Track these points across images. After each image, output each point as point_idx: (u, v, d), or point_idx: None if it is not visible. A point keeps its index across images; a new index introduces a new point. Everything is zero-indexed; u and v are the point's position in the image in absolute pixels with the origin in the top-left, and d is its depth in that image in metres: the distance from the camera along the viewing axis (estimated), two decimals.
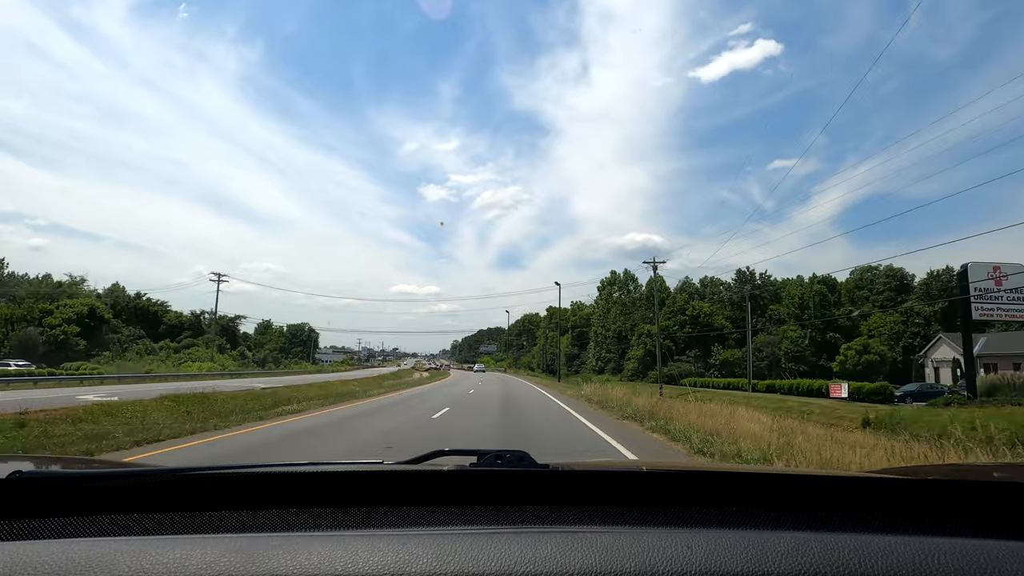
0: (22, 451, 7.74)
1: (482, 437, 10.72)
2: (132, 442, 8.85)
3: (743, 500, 1.02)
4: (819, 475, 1.19)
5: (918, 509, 0.98)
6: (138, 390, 19.97)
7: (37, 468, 1.24)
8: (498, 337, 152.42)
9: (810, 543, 0.78)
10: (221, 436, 10.14)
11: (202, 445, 9.05)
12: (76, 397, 17.42)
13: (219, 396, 16.21)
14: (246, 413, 13.52)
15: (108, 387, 24.31)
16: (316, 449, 9.14)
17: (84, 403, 14.19)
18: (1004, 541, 0.81)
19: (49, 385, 26.06)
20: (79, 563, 0.72)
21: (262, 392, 19.56)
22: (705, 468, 1.36)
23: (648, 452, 9.34)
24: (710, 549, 0.76)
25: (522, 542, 0.78)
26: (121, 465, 1.90)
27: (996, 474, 1.36)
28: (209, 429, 10.80)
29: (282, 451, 8.91)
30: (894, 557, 0.75)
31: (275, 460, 1.31)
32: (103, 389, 22.75)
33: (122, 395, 16.90)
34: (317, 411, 15.49)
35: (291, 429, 11.48)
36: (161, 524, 0.92)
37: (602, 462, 1.74)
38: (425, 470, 1.06)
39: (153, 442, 9.11)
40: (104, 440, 8.76)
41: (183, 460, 7.59)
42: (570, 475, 1.09)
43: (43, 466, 1.38)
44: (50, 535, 0.86)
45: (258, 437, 10.17)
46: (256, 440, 9.81)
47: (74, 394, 19.51)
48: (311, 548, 0.77)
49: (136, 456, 7.96)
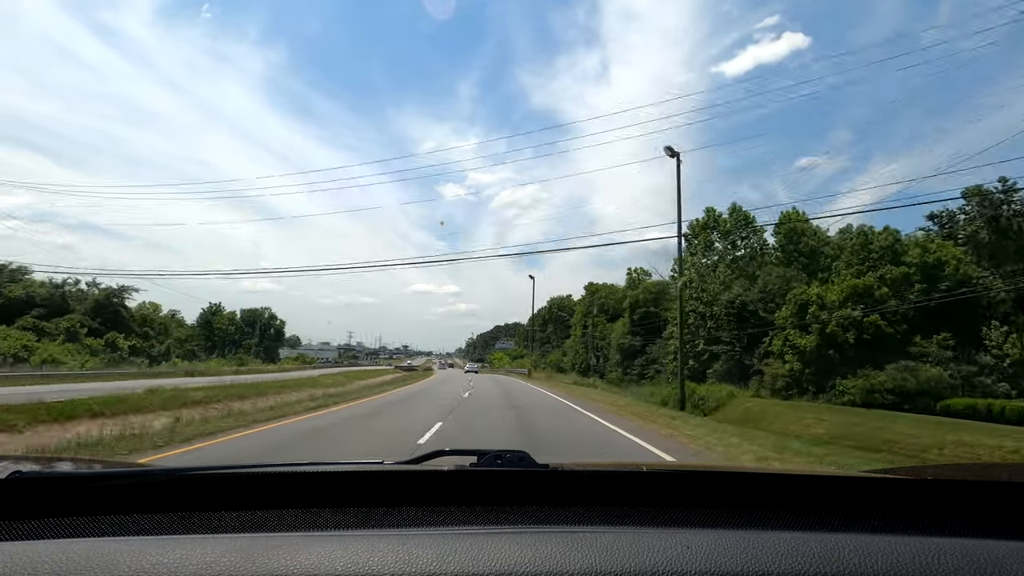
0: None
1: None
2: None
3: (743, 500, 1.02)
4: (819, 475, 1.20)
5: (918, 509, 0.97)
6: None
7: (37, 468, 1.18)
8: (516, 332, 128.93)
9: (810, 543, 0.78)
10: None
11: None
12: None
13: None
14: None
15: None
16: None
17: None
18: (1004, 541, 0.81)
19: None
20: (79, 563, 0.71)
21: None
22: (705, 468, 1.34)
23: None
24: (710, 549, 0.76)
25: (522, 542, 0.78)
26: (121, 465, 1.87)
27: (995, 474, 1.39)
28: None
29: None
30: (894, 557, 0.75)
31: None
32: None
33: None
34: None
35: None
36: (161, 524, 0.91)
37: (602, 462, 1.74)
38: (425, 470, 1.06)
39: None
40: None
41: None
42: (570, 475, 1.09)
43: (43, 466, 1.33)
44: (50, 535, 0.85)
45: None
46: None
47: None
48: (311, 548, 0.77)
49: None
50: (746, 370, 35.10)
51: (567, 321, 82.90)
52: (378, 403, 18.58)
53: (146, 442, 8.71)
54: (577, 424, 13.79)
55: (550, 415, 15.71)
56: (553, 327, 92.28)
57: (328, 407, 16.17)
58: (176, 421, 11.28)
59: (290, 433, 10.66)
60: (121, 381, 25.98)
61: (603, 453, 9.66)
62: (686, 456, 9.51)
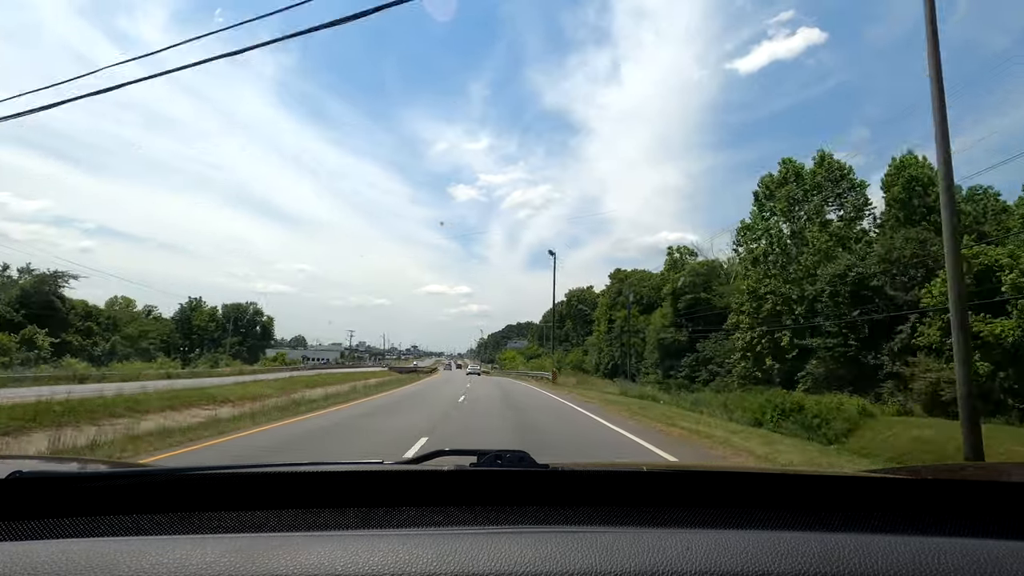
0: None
1: None
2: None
3: (742, 500, 1.02)
4: (819, 475, 1.19)
5: (918, 509, 0.97)
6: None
7: (37, 468, 1.19)
8: (528, 331, 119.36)
9: (810, 543, 0.78)
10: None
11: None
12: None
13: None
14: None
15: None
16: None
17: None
18: (1004, 541, 0.81)
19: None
20: (79, 563, 0.72)
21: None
22: (705, 468, 1.29)
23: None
24: (709, 549, 0.77)
25: (522, 542, 0.78)
26: (121, 465, 1.80)
27: (995, 474, 1.36)
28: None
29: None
30: (894, 557, 0.75)
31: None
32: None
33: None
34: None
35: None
36: (161, 524, 0.91)
37: (602, 462, 1.72)
38: (425, 470, 1.05)
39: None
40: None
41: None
42: (570, 475, 1.08)
43: (43, 466, 1.33)
44: (50, 535, 0.85)
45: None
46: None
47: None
48: (311, 548, 0.77)
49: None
50: (865, 372, 24.38)
51: (588, 316, 72.02)
52: (308, 426, 11.50)
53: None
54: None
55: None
56: (572, 323, 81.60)
57: (198, 441, 9.11)
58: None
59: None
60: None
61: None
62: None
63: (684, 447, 9.72)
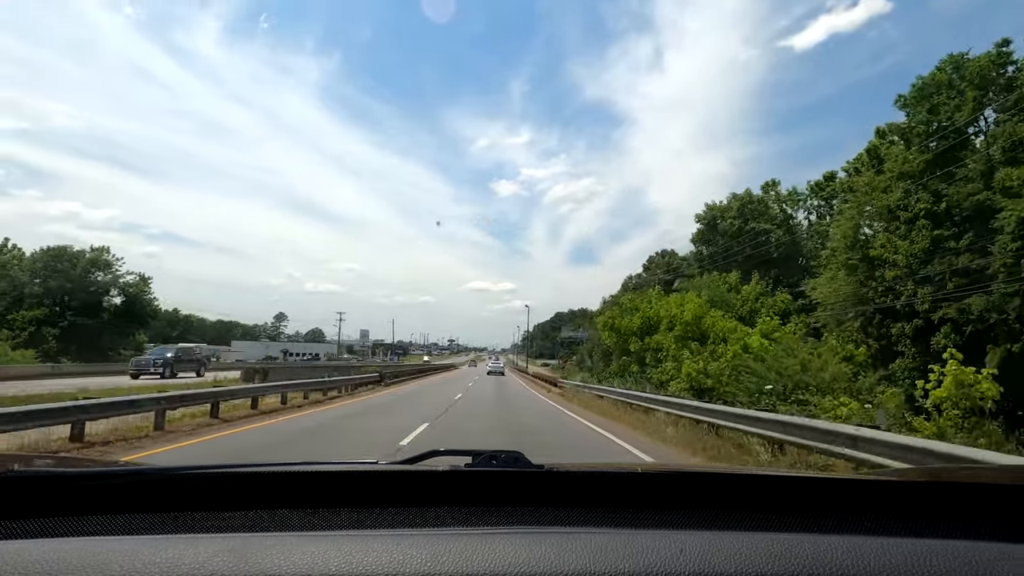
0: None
1: None
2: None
3: (737, 502, 1.02)
4: (812, 477, 1.20)
5: (910, 511, 0.97)
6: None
7: (30, 467, 1.17)
8: (585, 319, 71.92)
9: (803, 545, 0.78)
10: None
11: None
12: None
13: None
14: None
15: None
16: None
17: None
18: (996, 543, 0.82)
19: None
20: (71, 563, 0.71)
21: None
22: (699, 470, 1.31)
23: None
24: (703, 551, 0.77)
25: (516, 543, 0.79)
26: (114, 464, 1.81)
27: (988, 476, 1.36)
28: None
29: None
30: (886, 559, 0.76)
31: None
32: None
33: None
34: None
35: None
36: (154, 524, 0.90)
37: (597, 464, 1.73)
38: (419, 470, 1.05)
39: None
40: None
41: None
42: (565, 476, 1.08)
43: (36, 464, 1.31)
44: (42, 534, 0.84)
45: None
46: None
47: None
48: (305, 548, 0.77)
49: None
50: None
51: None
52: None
53: None
54: None
55: None
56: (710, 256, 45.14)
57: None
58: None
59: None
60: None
61: None
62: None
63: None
